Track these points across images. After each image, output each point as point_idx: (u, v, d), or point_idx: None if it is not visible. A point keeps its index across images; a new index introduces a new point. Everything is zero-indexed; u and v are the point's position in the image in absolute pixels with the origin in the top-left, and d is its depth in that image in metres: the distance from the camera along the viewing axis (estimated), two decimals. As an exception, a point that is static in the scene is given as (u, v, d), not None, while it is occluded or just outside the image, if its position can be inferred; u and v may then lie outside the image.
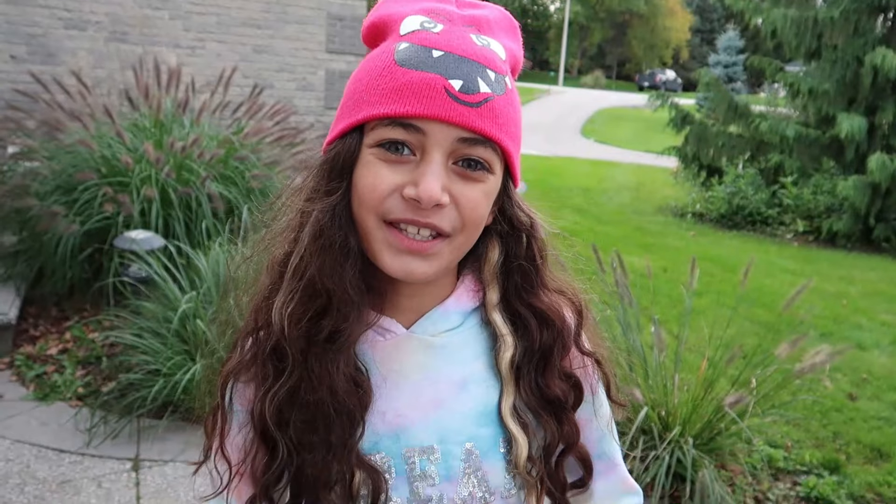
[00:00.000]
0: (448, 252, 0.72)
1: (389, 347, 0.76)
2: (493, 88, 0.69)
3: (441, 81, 0.67)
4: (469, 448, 0.76)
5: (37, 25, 5.67)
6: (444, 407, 0.76)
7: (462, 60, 0.69)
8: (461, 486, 0.76)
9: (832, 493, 2.84)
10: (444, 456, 0.75)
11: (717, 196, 8.99)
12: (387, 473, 0.74)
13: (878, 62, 7.98)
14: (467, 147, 0.69)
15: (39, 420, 3.03)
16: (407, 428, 0.75)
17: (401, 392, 0.75)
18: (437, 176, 0.68)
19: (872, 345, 4.72)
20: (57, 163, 4.10)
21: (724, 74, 22.42)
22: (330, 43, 6.96)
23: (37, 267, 4.03)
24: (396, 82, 0.68)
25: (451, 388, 0.77)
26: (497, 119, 0.69)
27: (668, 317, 4.56)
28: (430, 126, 0.67)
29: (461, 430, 0.76)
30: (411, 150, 0.69)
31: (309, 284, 0.71)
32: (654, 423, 2.67)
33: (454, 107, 0.67)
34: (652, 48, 55.79)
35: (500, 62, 0.72)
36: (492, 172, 0.71)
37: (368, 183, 0.69)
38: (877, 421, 3.57)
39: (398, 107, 0.67)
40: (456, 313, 0.79)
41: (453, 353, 0.78)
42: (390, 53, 0.70)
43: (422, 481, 0.75)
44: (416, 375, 0.76)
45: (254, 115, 4.75)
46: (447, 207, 0.69)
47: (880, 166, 7.57)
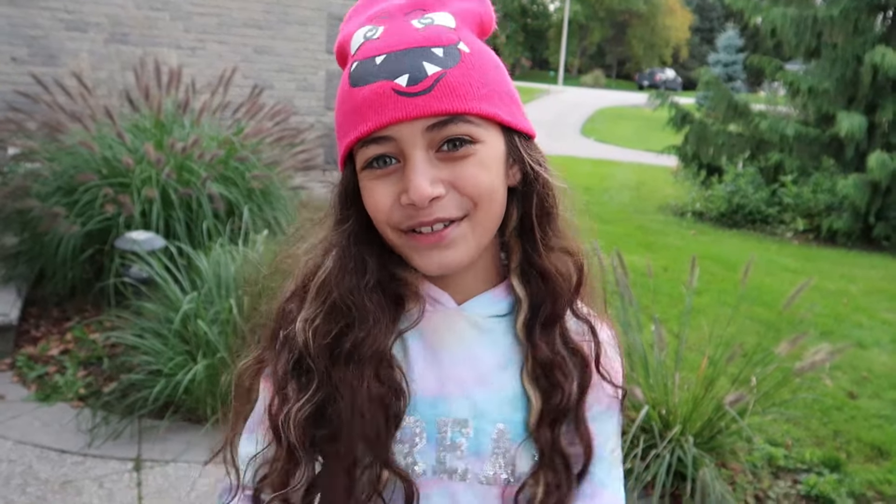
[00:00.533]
0: (471, 232, 0.72)
1: (438, 318, 0.77)
2: (442, 64, 0.68)
3: (388, 85, 0.68)
4: (501, 429, 0.77)
5: (38, 27, 5.68)
6: (484, 386, 0.77)
7: (403, 54, 0.69)
8: (487, 464, 0.76)
9: (832, 491, 2.85)
10: (475, 432, 0.76)
11: (717, 195, 8.99)
12: (417, 437, 0.75)
13: (877, 61, 7.98)
14: (440, 131, 0.69)
15: (41, 421, 3.04)
16: (445, 398, 0.76)
17: (443, 363, 0.77)
18: (422, 173, 0.68)
19: (873, 343, 4.72)
20: (58, 164, 4.11)
21: (724, 73, 22.41)
22: (330, 43, 6.96)
23: (38, 268, 4.04)
24: (354, 103, 0.70)
25: (492, 368, 0.78)
26: (456, 90, 0.68)
27: (669, 315, 4.57)
28: (395, 130, 0.68)
29: (497, 411, 0.77)
30: (395, 157, 0.70)
31: (333, 303, 0.74)
32: (654, 422, 2.67)
33: (407, 102, 0.67)
34: (652, 47, 55.77)
35: (446, 34, 0.71)
36: (478, 142, 0.70)
37: (372, 205, 0.72)
38: (877, 419, 3.57)
39: (361, 127, 0.69)
40: (505, 302, 0.79)
41: (498, 338, 0.79)
42: (346, 77, 0.73)
43: (451, 452, 0.75)
44: (459, 350, 0.77)
45: (254, 115, 4.76)
46: (447, 196, 0.70)
47: (880, 164, 7.57)
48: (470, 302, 0.78)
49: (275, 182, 4.41)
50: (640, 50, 56.06)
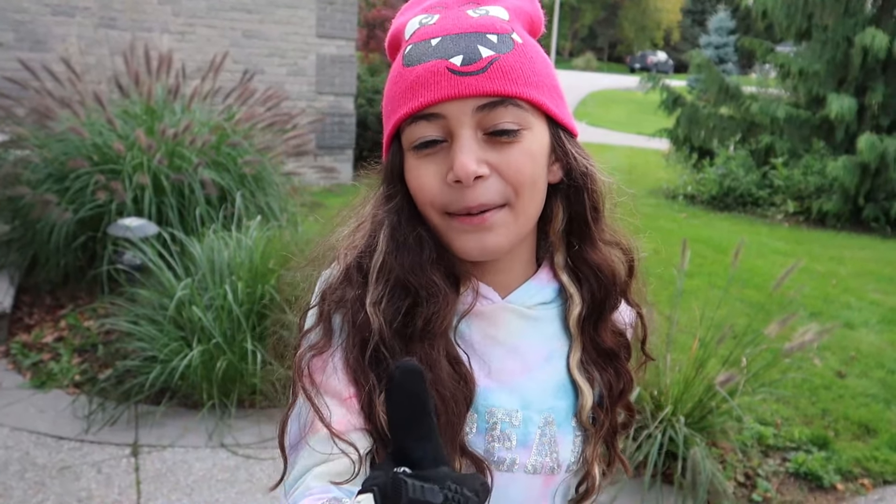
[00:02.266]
0: (513, 219, 0.73)
1: (486, 312, 0.78)
2: (496, 49, 0.70)
3: (442, 64, 0.69)
4: (547, 418, 0.78)
5: (24, 11, 5.61)
6: (530, 376, 0.78)
7: (459, 37, 0.71)
8: (533, 454, 0.78)
9: (820, 468, 2.90)
10: (524, 422, 0.77)
11: (708, 178, 9.02)
12: (468, 427, 0.75)
13: (867, 42, 7.99)
14: (489, 113, 0.70)
15: (37, 407, 3.05)
16: (494, 389, 0.77)
17: (492, 355, 0.77)
18: (468, 150, 0.69)
19: (861, 323, 4.78)
20: (48, 151, 4.08)
21: (716, 55, 22.39)
22: (320, 27, 6.91)
23: (30, 255, 4.03)
24: (406, 82, 0.72)
25: (538, 358, 0.79)
26: (509, 75, 0.70)
27: (660, 298, 4.60)
28: (446, 108, 0.69)
29: (542, 400, 0.78)
30: (442, 138, 0.71)
31: (395, 283, 0.73)
32: (646, 403, 2.71)
33: (460, 80, 0.69)
34: (643, 30, 55.55)
35: (501, 23, 0.73)
36: (526, 129, 0.72)
37: (416, 185, 0.73)
38: (864, 398, 3.63)
39: (413, 103, 0.70)
40: (548, 288, 0.81)
41: (543, 327, 0.80)
42: (400, 59, 0.74)
43: (500, 443, 0.76)
44: (508, 342, 0.78)
45: (245, 100, 4.73)
46: (491, 178, 0.70)
47: (870, 146, 7.61)
48: (515, 294, 0.79)
49: (267, 168, 4.40)
50: (632, 32, 55.84)
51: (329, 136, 7.19)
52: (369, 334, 0.72)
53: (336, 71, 7.09)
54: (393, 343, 0.72)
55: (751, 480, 2.84)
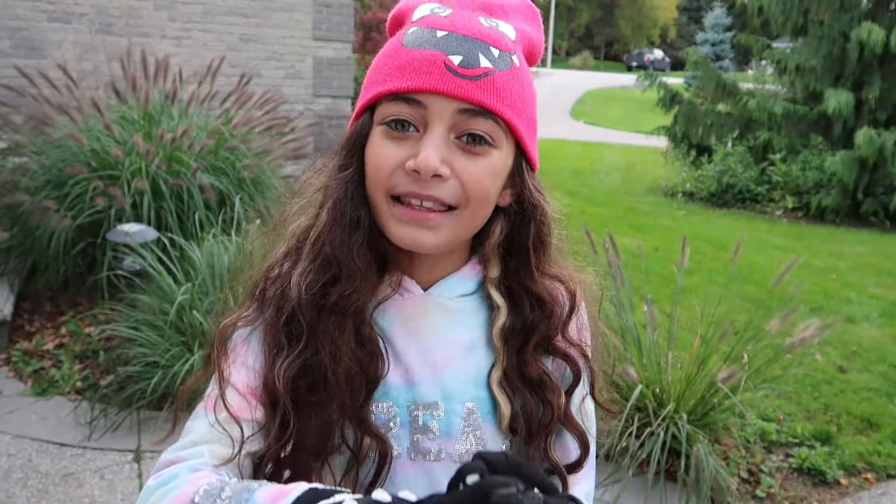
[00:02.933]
0: (453, 225, 0.74)
1: (407, 306, 0.79)
2: (494, 64, 0.71)
3: (441, 57, 0.70)
4: (470, 408, 0.79)
5: (20, 18, 5.60)
6: (451, 367, 0.79)
7: (465, 39, 0.71)
8: (459, 443, 0.79)
9: (824, 463, 2.90)
10: (446, 413, 0.78)
11: (706, 175, 9.02)
12: (391, 422, 0.77)
13: (864, 37, 8.00)
14: (467, 119, 0.71)
15: (39, 415, 3.05)
16: (415, 383, 0.78)
17: (413, 348, 0.78)
18: (435, 147, 0.70)
19: (862, 318, 4.78)
20: (46, 157, 4.08)
21: (712, 52, 22.39)
22: (317, 30, 6.92)
23: (30, 262, 4.02)
24: (400, 60, 0.72)
25: (459, 350, 0.80)
26: (498, 92, 0.71)
27: (661, 295, 4.60)
28: (430, 99, 0.70)
29: (464, 391, 0.79)
30: (415, 126, 0.71)
31: (324, 256, 0.75)
32: (648, 401, 2.71)
33: (452, 80, 0.69)
34: (640, 28, 55.58)
35: (507, 41, 0.74)
36: (495, 147, 0.73)
37: (374, 161, 0.73)
38: (867, 392, 3.63)
39: (400, 83, 0.71)
40: (471, 281, 0.82)
41: (465, 318, 0.81)
42: (399, 37, 0.74)
43: (423, 434, 0.78)
44: (428, 335, 0.79)
45: (243, 104, 4.73)
46: (449, 181, 0.71)
47: (867, 141, 7.61)
48: (437, 286, 0.80)
49: (265, 171, 4.39)
50: (629, 31, 55.87)
51: (327, 138, 7.19)
52: (289, 302, 0.75)
53: (333, 73, 7.09)
54: (307, 311, 0.74)
55: (754, 476, 2.84)
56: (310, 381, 0.74)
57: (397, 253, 0.77)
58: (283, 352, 0.74)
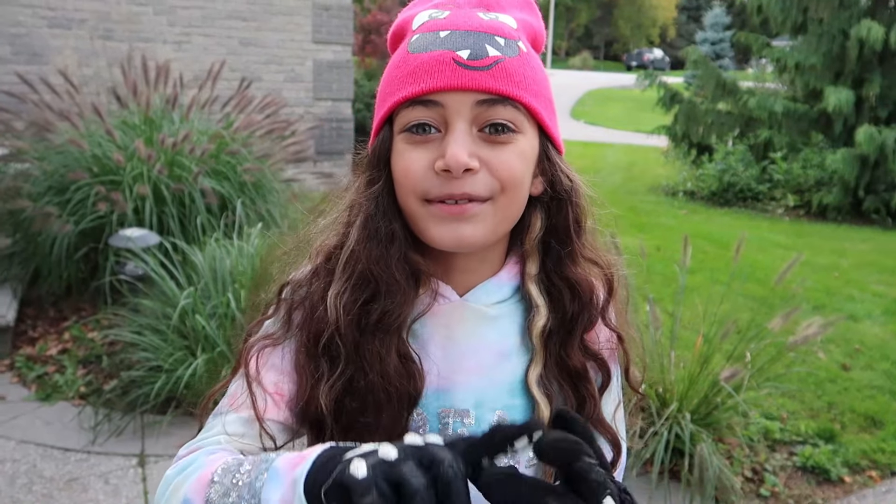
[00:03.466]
0: (492, 215, 0.72)
1: (443, 311, 0.78)
2: (503, 52, 0.71)
3: (449, 55, 0.70)
4: (500, 415, 0.78)
5: (20, 25, 5.62)
6: (485, 375, 0.78)
7: (468, 33, 0.71)
8: None
9: (828, 461, 2.90)
10: (477, 421, 0.77)
11: (707, 174, 9.02)
12: (421, 429, 0.76)
13: (863, 35, 7.99)
14: (487, 109, 0.70)
15: (43, 420, 3.05)
16: (448, 389, 0.77)
17: (447, 355, 0.77)
18: (461, 143, 0.69)
19: (864, 315, 4.78)
20: (48, 163, 4.09)
21: (712, 51, 22.40)
22: (317, 33, 6.93)
23: (32, 268, 4.03)
24: (409, 67, 0.72)
25: (494, 357, 0.79)
26: (512, 77, 0.71)
27: (663, 295, 4.60)
28: (446, 97, 0.70)
29: (496, 399, 0.78)
30: (436, 127, 0.71)
31: (360, 274, 0.74)
32: (651, 400, 2.71)
33: (464, 73, 0.69)
34: (639, 27, 55.56)
35: (509, 30, 0.74)
36: (519, 132, 0.72)
37: (402, 168, 0.72)
38: (870, 390, 3.63)
39: (413, 87, 0.71)
40: (508, 286, 0.80)
41: (501, 325, 0.80)
42: (405, 47, 0.74)
43: None
44: (463, 341, 0.78)
45: (243, 108, 4.74)
46: (480, 173, 0.70)
47: (868, 138, 7.60)
48: (473, 292, 0.79)
49: (267, 175, 4.40)
50: (628, 30, 55.86)
51: (327, 141, 7.20)
52: (325, 325, 0.73)
53: (333, 76, 7.10)
54: (347, 333, 0.73)
55: (758, 475, 2.84)
56: (358, 403, 0.73)
57: (432, 263, 0.76)
58: (323, 375, 0.73)
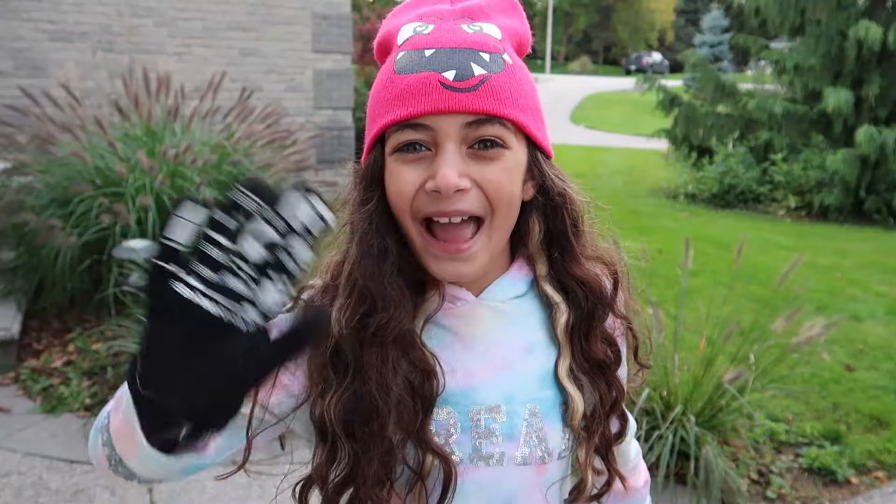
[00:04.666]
0: (486, 243, 0.75)
1: (462, 312, 0.80)
2: (488, 69, 0.72)
3: (435, 77, 0.71)
4: (532, 409, 0.80)
5: (21, 39, 5.66)
6: (512, 369, 0.80)
7: (453, 52, 0.72)
8: (522, 446, 0.79)
9: (834, 462, 2.89)
10: (508, 416, 0.79)
11: (708, 176, 9.03)
12: (452, 428, 0.77)
13: (861, 35, 8.01)
14: (476, 129, 0.72)
15: (49, 432, 3.06)
16: (476, 387, 0.79)
17: (472, 353, 0.79)
18: (451, 164, 0.71)
19: (867, 315, 4.77)
20: (51, 176, 4.11)
21: (710, 54, 22.42)
22: (316, 42, 6.96)
23: (36, 281, 4.04)
24: (397, 89, 0.73)
25: (518, 352, 0.81)
26: (498, 95, 0.72)
27: (665, 297, 4.60)
28: (435, 120, 0.71)
29: (526, 392, 0.80)
30: (426, 146, 0.73)
31: (359, 290, 0.76)
32: (656, 404, 2.71)
33: (451, 96, 0.70)
34: (637, 31, 55.67)
35: (493, 42, 0.75)
36: (507, 147, 0.74)
37: (394, 188, 0.74)
38: (875, 390, 3.62)
39: (402, 111, 0.72)
40: (521, 282, 0.83)
41: (520, 319, 0.82)
42: (391, 65, 0.75)
43: (486, 439, 0.78)
44: (486, 339, 0.80)
45: (244, 118, 4.76)
46: (471, 191, 0.72)
47: (868, 139, 7.61)
48: (489, 290, 0.81)
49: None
50: (626, 34, 55.97)
51: (329, 150, 7.22)
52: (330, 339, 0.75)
53: (333, 85, 7.12)
54: (349, 345, 0.75)
55: (764, 477, 2.83)
56: (362, 413, 0.74)
57: None
58: (330, 387, 0.75)
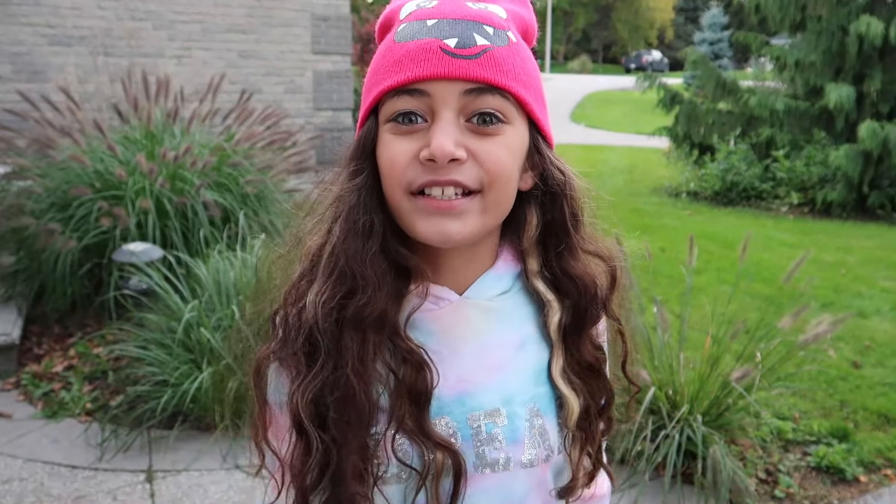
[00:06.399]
0: (480, 210, 0.70)
1: (446, 314, 0.75)
2: (491, 41, 0.69)
3: (436, 43, 0.68)
4: (532, 408, 0.76)
5: (21, 43, 5.65)
6: (506, 369, 0.76)
7: (456, 22, 0.70)
8: (527, 448, 0.75)
9: (842, 460, 2.87)
10: (509, 418, 0.75)
11: (710, 174, 9.00)
12: (453, 438, 0.73)
13: (862, 30, 7.98)
14: (475, 99, 0.68)
15: (50, 437, 3.04)
16: (471, 393, 0.74)
17: (462, 357, 0.75)
18: (447, 133, 0.67)
19: (873, 312, 4.74)
20: (50, 180, 4.09)
21: (710, 52, 22.41)
22: (315, 44, 6.95)
23: (37, 285, 4.03)
24: (395, 56, 0.70)
25: (510, 350, 0.77)
26: (501, 66, 0.69)
27: (670, 296, 4.58)
28: (433, 86, 0.68)
29: (523, 391, 0.76)
30: (422, 117, 0.69)
31: (339, 270, 0.72)
32: (662, 403, 2.69)
33: (451, 62, 0.67)
34: (637, 30, 55.65)
35: (499, 19, 0.72)
36: (508, 122, 0.70)
37: (387, 158, 0.70)
38: (882, 387, 3.59)
39: (398, 76, 0.69)
40: (506, 276, 0.78)
41: (508, 316, 0.78)
42: (391, 35, 0.73)
43: (488, 445, 0.74)
44: (475, 340, 0.75)
45: (244, 120, 4.75)
46: (467, 163, 0.69)
47: (871, 134, 7.58)
48: (473, 288, 0.76)
49: (269, 186, 4.40)
50: (626, 33, 55.94)
51: (329, 151, 7.20)
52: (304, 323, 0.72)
53: (333, 86, 7.11)
54: (324, 329, 0.71)
55: (772, 476, 2.80)
56: (336, 400, 0.70)
57: (421, 260, 0.74)
58: (301, 374, 0.71)
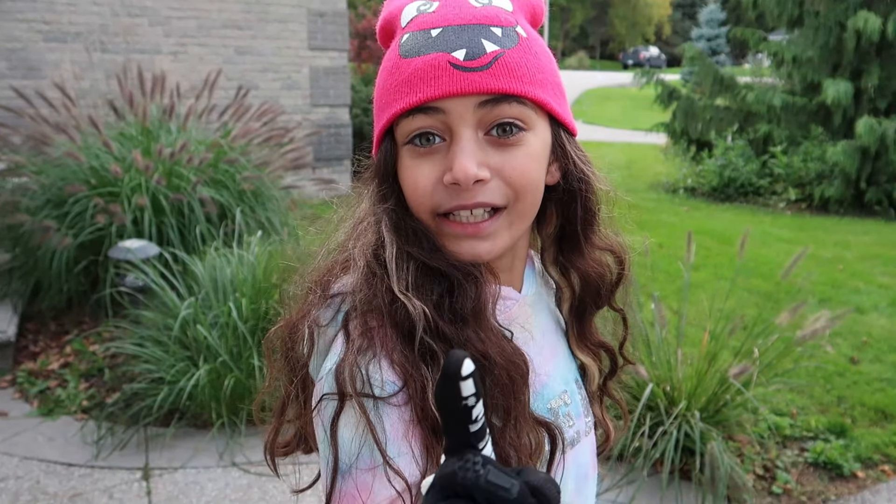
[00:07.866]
0: (507, 225, 0.70)
1: (517, 313, 0.77)
2: (501, 44, 0.67)
3: (444, 57, 0.66)
4: (577, 382, 0.84)
5: (16, 40, 5.62)
6: (558, 354, 0.83)
7: (461, 29, 0.67)
8: (584, 417, 0.83)
9: (840, 456, 2.87)
10: (572, 396, 0.82)
11: (708, 170, 8.99)
12: None
13: (860, 26, 7.97)
14: (492, 109, 0.67)
15: (46, 435, 3.03)
16: (546, 383, 0.78)
17: (533, 352, 0.74)
18: (468, 153, 0.66)
19: (871, 308, 4.74)
20: (46, 177, 4.08)
21: (708, 47, 22.41)
22: (312, 40, 6.92)
23: (32, 283, 4.01)
24: (404, 74, 0.68)
25: (556, 337, 0.83)
26: (514, 71, 0.67)
27: (667, 292, 4.57)
28: (447, 104, 0.66)
29: (570, 370, 0.84)
30: (440, 135, 0.68)
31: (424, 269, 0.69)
32: (659, 399, 2.68)
33: (463, 76, 0.65)
34: (634, 26, 55.60)
35: (505, 15, 0.70)
36: (529, 129, 0.69)
37: (410, 184, 0.69)
38: (880, 383, 3.59)
39: (411, 97, 0.67)
40: (536, 270, 0.84)
41: (545, 304, 0.84)
42: (395, 49, 0.70)
43: (566, 425, 0.79)
44: (537, 333, 0.79)
45: (241, 117, 4.73)
46: (492, 181, 0.67)
47: (868, 130, 7.58)
48: (525, 286, 0.80)
49: (265, 183, 4.38)
50: (623, 29, 55.90)
51: (326, 147, 7.19)
52: (410, 324, 0.66)
53: (330, 83, 7.09)
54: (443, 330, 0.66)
55: (770, 472, 2.80)
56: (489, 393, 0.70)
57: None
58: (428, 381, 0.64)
